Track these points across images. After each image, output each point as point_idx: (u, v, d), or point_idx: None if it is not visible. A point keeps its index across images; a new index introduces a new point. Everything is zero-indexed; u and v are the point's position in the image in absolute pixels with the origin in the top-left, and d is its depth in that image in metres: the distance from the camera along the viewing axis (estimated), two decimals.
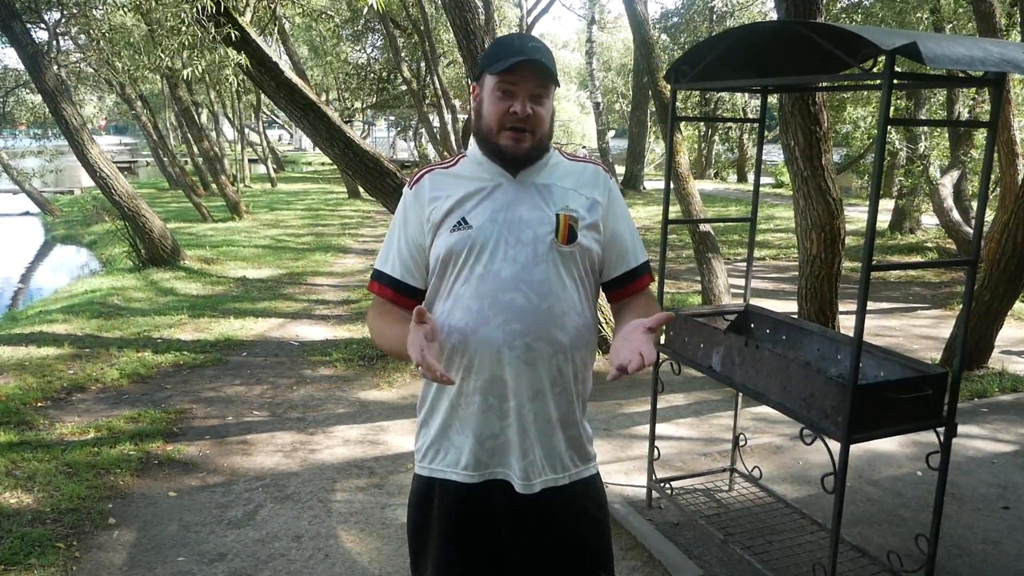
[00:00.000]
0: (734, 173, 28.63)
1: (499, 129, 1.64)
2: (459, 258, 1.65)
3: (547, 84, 1.63)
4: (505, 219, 1.65)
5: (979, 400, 5.19)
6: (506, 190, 1.68)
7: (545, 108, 1.65)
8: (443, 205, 1.67)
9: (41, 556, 3.25)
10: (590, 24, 20.57)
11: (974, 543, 3.39)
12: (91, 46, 12.65)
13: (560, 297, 1.65)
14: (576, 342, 1.68)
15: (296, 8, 12.84)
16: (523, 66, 1.59)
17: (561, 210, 1.67)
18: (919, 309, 8.39)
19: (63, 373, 5.80)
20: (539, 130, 1.65)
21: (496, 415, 1.67)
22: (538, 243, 1.64)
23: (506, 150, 1.65)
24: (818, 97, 4.81)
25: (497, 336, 1.62)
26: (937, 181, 10.51)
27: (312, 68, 24.86)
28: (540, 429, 1.67)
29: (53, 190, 23.01)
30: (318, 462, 4.32)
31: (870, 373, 2.86)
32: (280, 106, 6.09)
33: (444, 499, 1.72)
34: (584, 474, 1.76)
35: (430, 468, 1.75)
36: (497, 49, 1.64)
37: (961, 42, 2.33)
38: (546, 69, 1.60)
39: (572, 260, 1.67)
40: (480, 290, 1.63)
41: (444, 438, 1.72)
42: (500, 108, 1.63)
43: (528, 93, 1.62)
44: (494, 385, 1.65)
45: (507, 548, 1.72)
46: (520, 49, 1.60)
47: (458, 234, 1.64)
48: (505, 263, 1.63)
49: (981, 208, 2.60)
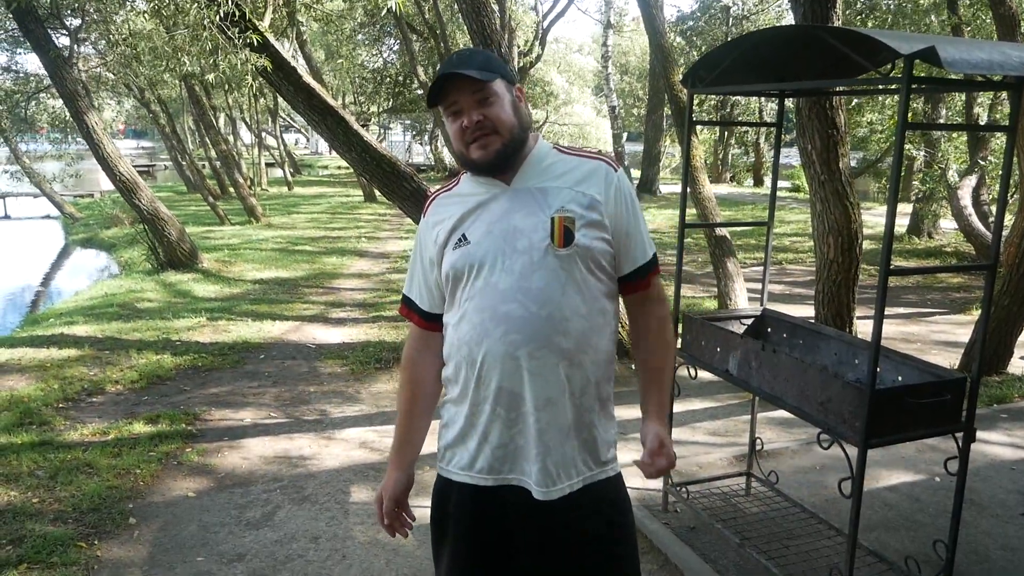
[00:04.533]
0: (751, 177, 28.48)
1: (466, 146, 1.66)
2: (461, 274, 1.67)
3: (482, 86, 1.62)
4: (501, 230, 1.65)
5: (998, 406, 5.15)
6: (501, 201, 1.68)
7: (496, 105, 1.64)
8: (446, 225, 1.71)
9: (63, 555, 3.30)
10: (606, 28, 20.54)
11: (993, 549, 3.36)
12: (111, 51, 12.78)
13: (560, 303, 1.63)
14: (582, 346, 1.67)
15: (313, 13, 12.91)
16: (449, 84, 1.62)
17: (556, 212, 1.65)
18: (937, 314, 8.33)
19: (83, 375, 5.87)
20: (502, 127, 1.64)
21: (504, 424, 1.68)
22: (533, 250, 1.63)
23: (480, 161, 1.66)
24: (835, 101, 4.79)
25: (499, 348, 1.63)
26: (955, 185, 10.43)
27: (328, 72, 24.99)
28: (554, 436, 1.67)
29: (73, 194, 23.24)
30: (335, 464, 4.35)
31: (888, 378, 2.85)
32: (298, 110, 6.14)
33: (460, 499, 1.75)
34: (599, 477, 1.75)
35: (447, 470, 1.78)
36: (432, 83, 1.67)
37: (980, 46, 2.33)
38: (468, 76, 1.61)
39: (571, 262, 1.64)
40: (481, 303, 1.65)
41: (460, 443, 1.75)
42: (455, 129, 1.66)
43: (470, 104, 1.63)
44: (501, 395, 1.66)
45: (519, 552, 1.73)
46: (443, 71, 1.63)
47: (459, 251, 1.67)
48: (503, 274, 1.63)
49: (1000, 212, 2.59)
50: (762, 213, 4.64)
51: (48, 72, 9.40)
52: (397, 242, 14.08)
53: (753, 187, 26.64)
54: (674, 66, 7.34)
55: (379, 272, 11.03)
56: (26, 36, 9.18)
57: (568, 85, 27.77)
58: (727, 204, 18.67)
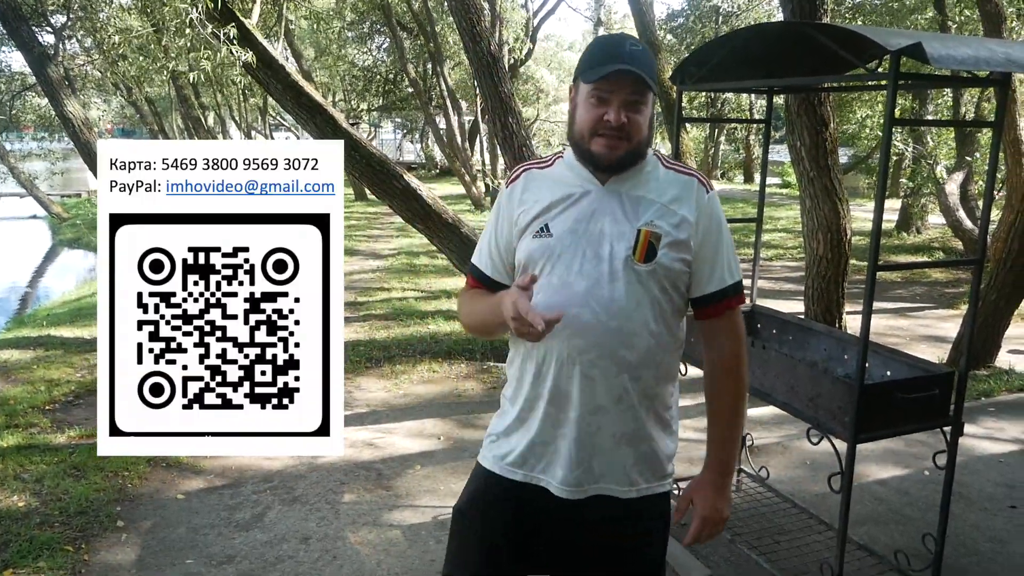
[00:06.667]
0: (741, 173, 28.58)
1: (592, 135, 1.60)
2: (536, 265, 1.63)
3: (643, 92, 1.58)
4: (586, 230, 1.61)
5: (986, 400, 5.18)
6: (592, 199, 1.64)
7: (642, 115, 1.60)
8: (532, 209, 1.66)
9: (50, 559, 3.26)
10: (596, 25, 20.59)
11: (981, 542, 3.38)
12: (97, 48, 12.70)
13: (631, 316, 1.60)
14: (646, 361, 1.64)
15: (301, 10, 12.85)
16: (617, 75, 1.55)
17: (644, 225, 1.60)
18: (926, 309, 8.37)
19: (70, 376, 5.82)
20: (635, 137, 1.60)
21: (551, 424, 1.66)
22: (614, 259, 1.59)
23: (599, 156, 1.60)
24: (824, 98, 4.81)
25: (562, 349, 1.61)
26: (943, 181, 10.49)
27: (318, 70, 24.91)
28: (601, 443, 1.65)
29: (60, 193, 23.10)
30: (326, 464, 4.33)
31: (877, 373, 2.86)
32: (287, 108, 6.11)
33: (489, 485, 1.74)
34: (657, 490, 1.74)
35: (483, 455, 1.78)
36: (593, 53, 1.61)
37: (966, 43, 2.33)
38: (641, 78, 1.56)
39: (649, 279, 1.61)
40: (552, 301, 1.59)
41: (504, 434, 1.74)
42: (594, 115, 1.59)
43: (622, 101, 1.57)
44: (556, 395, 1.64)
45: (540, 551, 1.72)
46: (615, 57, 1.56)
47: (539, 241, 1.63)
48: (580, 277, 1.60)
49: (986, 207, 2.60)
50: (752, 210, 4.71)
51: (33, 70, 9.31)
52: (388, 240, 14.04)
53: (744, 184, 26.72)
54: (664, 63, 7.35)
55: (370, 270, 11.00)
56: (11, 35, 9.08)
57: (559, 83, 27.77)
58: None
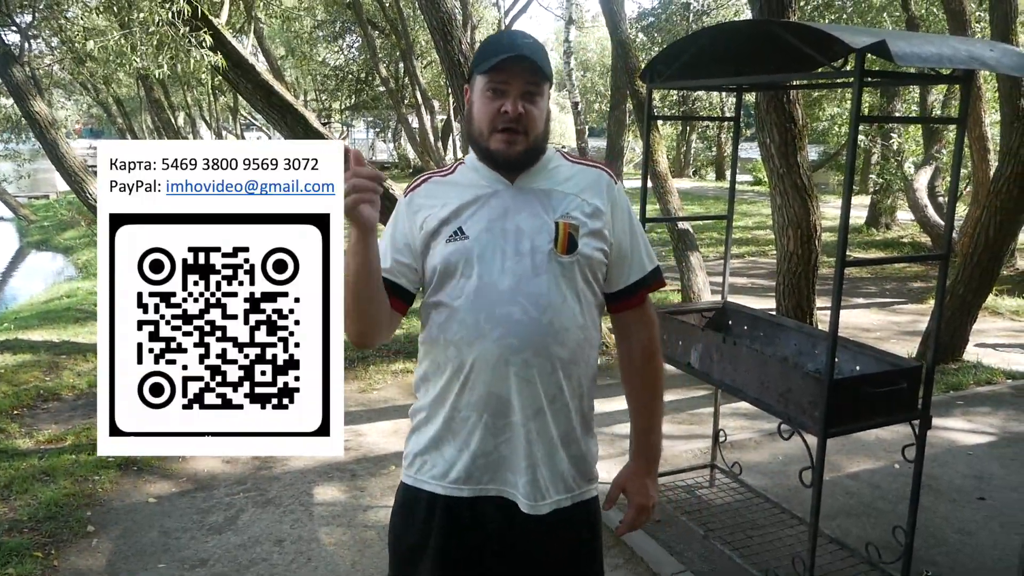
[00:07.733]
0: (713, 171, 28.80)
1: (490, 131, 1.56)
2: (455, 270, 1.57)
3: (539, 82, 1.55)
4: (502, 228, 1.57)
5: (954, 393, 5.26)
6: (503, 197, 1.60)
7: (539, 107, 1.56)
8: (439, 213, 1.59)
9: (19, 565, 3.21)
10: (567, 24, 20.60)
11: (950, 533, 3.44)
12: (63, 48, 12.49)
13: (560, 310, 1.56)
14: (576, 357, 1.61)
15: (270, 10, 12.74)
16: (512, 63, 1.52)
17: (561, 217, 1.58)
18: (896, 304, 8.49)
19: (39, 380, 5.72)
20: (533, 131, 1.56)
21: (491, 432, 1.59)
22: (536, 253, 1.55)
23: (498, 154, 1.57)
24: (792, 95, 4.85)
25: (493, 351, 1.54)
26: (911, 177, 10.64)
27: (289, 69, 24.70)
28: (544, 448, 1.61)
29: (28, 195, 22.71)
30: (299, 466, 4.30)
31: (846, 368, 2.89)
32: (257, 108, 6.06)
33: (429, 511, 1.65)
34: (586, 496, 1.72)
35: (415, 478, 1.68)
36: (486, 47, 1.57)
37: (930, 40, 2.37)
38: (537, 66, 1.53)
39: (572, 271, 1.58)
40: (477, 303, 1.55)
41: (434, 449, 1.65)
42: (491, 108, 1.55)
43: (519, 91, 1.54)
44: (490, 401, 1.58)
45: (493, 567, 1.65)
46: (510, 46, 1.53)
47: (454, 244, 1.57)
48: (503, 274, 1.55)
49: (952, 203, 2.64)
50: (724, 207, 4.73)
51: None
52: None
53: (715, 181, 26.93)
54: (635, 61, 7.38)
55: None
56: None
57: None
58: (690, 198, 18.83)
